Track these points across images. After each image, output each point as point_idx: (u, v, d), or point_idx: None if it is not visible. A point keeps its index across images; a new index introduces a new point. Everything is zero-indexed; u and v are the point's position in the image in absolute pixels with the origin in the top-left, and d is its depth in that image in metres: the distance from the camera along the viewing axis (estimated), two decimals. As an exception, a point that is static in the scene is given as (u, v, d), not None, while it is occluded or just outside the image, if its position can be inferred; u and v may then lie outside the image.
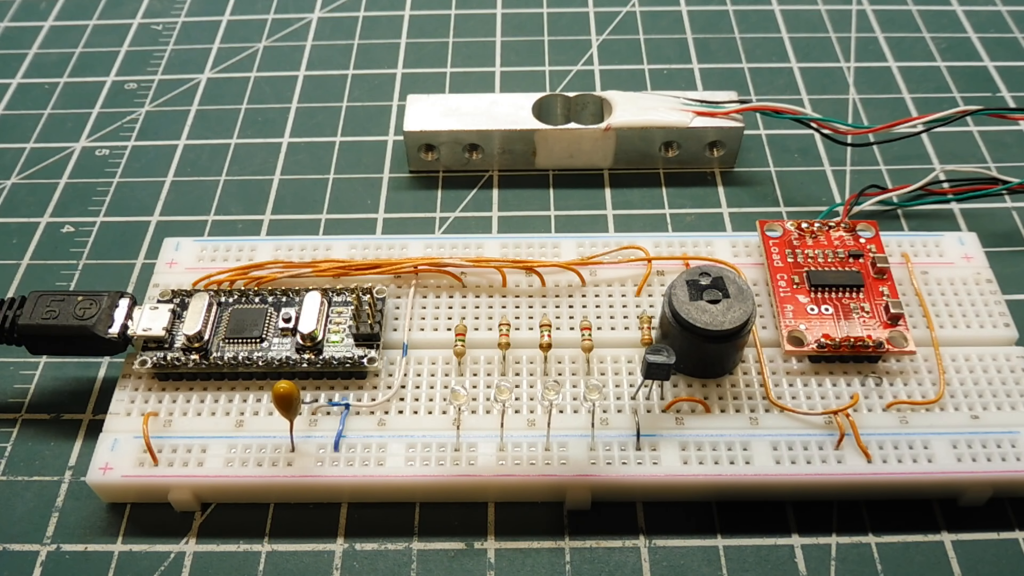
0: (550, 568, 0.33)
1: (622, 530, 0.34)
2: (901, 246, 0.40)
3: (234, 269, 0.39)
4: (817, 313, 0.36)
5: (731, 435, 0.34)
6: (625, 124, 0.45)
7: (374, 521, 0.34)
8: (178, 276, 0.39)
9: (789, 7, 0.57)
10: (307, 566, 0.33)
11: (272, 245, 0.40)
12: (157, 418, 0.35)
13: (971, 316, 0.37)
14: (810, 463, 0.33)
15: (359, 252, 0.40)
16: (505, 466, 0.33)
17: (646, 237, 0.40)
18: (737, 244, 0.40)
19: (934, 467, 0.33)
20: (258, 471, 0.33)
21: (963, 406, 0.35)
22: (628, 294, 0.38)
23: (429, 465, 0.33)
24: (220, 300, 0.37)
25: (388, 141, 0.49)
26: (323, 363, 0.35)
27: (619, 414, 0.34)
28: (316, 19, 0.57)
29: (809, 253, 0.38)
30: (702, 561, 0.33)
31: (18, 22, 0.58)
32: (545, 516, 0.34)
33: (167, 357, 0.35)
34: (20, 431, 0.37)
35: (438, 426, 0.34)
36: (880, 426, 0.34)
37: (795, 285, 0.37)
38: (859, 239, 0.39)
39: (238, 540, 0.34)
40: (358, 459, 0.33)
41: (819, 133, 0.46)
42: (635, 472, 0.33)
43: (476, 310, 0.38)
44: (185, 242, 0.41)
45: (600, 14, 0.57)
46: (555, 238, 0.40)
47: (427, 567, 0.33)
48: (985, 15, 0.56)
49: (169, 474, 0.33)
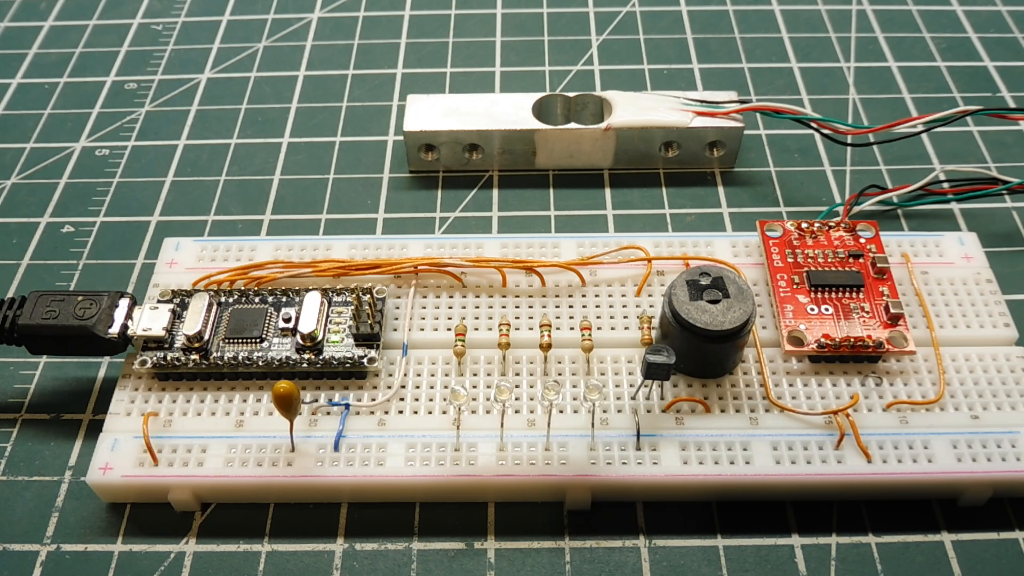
0: (550, 568, 0.33)
1: (622, 530, 0.34)
2: (901, 246, 0.40)
3: (234, 269, 0.39)
4: (817, 313, 0.36)
5: (731, 435, 0.34)
6: (625, 124, 0.45)
7: (374, 521, 0.34)
8: (178, 276, 0.39)
9: (789, 7, 0.57)
10: (307, 566, 0.33)
11: (272, 245, 0.40)
12: (157, 418, 0.35)
13: (971, 316, 0.37)
14: (810, 463, 0.33)
15: (359, 252, 0.40)
16: (505, 466, 0.33)
17: (646, 237, 0.40)
18: (737, 244, 0.40)
19: (934, 467, 0.33)
20: (258, 471, 0.33)
21: (963, 406, 0.34)
22: (628, 294, 0.38)
23: (429, 465, 0.33)
24: (220, 300, 0.37)
25: (388, 141, 0.49)
26: (323, 363, 0.35)
27: (619, 414, 0.34)
28: (316, 19, 0.57)
29: (809, 253, 0.38)
30: (702, 561, 0.33)
31: (18, 22, 0.58)
32: (545, 516, 0.34)
33: (167, 357, 0.35)
34: (20, 431, 0.37)
35: (438, 426, 0.34)
36: (880, 426, 0.34)
37: (795, 285, 0.37)
38: (859, 239, 0.39)
39: (238, 540, 0.34)
40: (358, 459, 0.33)
41: (819, 133, 0.46)
42: (635, 472, 0.33)
43: (476, 310, 0.38)
44: (185, 242, 0.41)
45: (600, 14, 0.57)
46: (555, 238, 0.40)
47: (427, 567, 0.33)
48: (985, 15, 0.56)
49: (169, 474, 0.33)
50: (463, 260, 0.38)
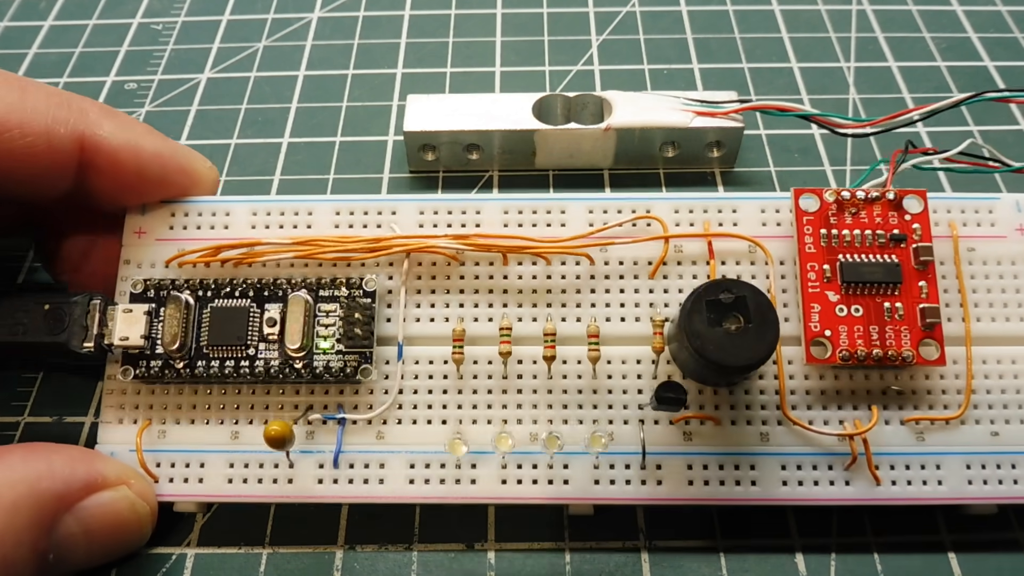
0: (550, 569, 0.33)
1: (622, 533, 0.34)
2: (950, 212, 0.35)
3: (206, 249, 0.35)
4: (846, 315, 0.33)
5: (739, 452, 0.33)
6: (625, 124, 0.45)
7: (374, 523, 0.34)
8: (148, 250, 0.36)
9: (789, 7, 0.57)
10: (308, 567, 0.33)
11: (247, 208, 0.36)
12: (151, 427, 0.34)
13: (1013, 307, 0.34)
14: (817, 484, 0.32)
15: (344, 219, 0.36)
16: (507, 485, 0.33)
17: (664, 200, 0.36)
18: (767, 209, 0.36)
19: (943, 489, 0.32)
20: (258, 489, 0.33)
21: (984, 419, 0.33)
22: (641, 275, 0.35)
23: (430, 483, 0.33)
24: (198, 294, 0.34)
25: (388, 141, 0.49)
26: (313, 375, 0.33)
27: (625, 426, 0.33)
28: (316, 19, 0.57)
29: (846, 236, 0.34)
30: (702, 563, 0.33)
31: (18, 22, 0.58)
32: (546, 518, 0.34)
33: (150, 368, 0.33)
34: (23, 433, 0.37)
35: (437, 440, 0.33)
36: (894, 444, 0.33)
37: (826, 279, 0.33)
38: (904, 215, 0.34)
39: (239, 542, 0.34)
40: (358, 477, 0.33)
41: (819, 127, 0.45)
42: (638, 495, 0.32)
43: (475, 295, 0.35)
44: (153, 209, 0.36)
45: (600, 14, 0.57)
46: (561, 200, 0.36)
47: (427, 568, 0.33)
48: (985, 15, 0.56)
49: (169, 492, 0.33)
50: (462, 243, 0.34)
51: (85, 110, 0.34)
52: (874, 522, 0.34)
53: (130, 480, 0.32)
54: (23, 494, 0.29)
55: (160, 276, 0.35)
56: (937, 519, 0.34)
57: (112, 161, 0.34)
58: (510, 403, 0.34)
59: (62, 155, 0.33)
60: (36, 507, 0.29)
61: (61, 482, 0.30)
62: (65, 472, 0.30)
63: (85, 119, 0.33)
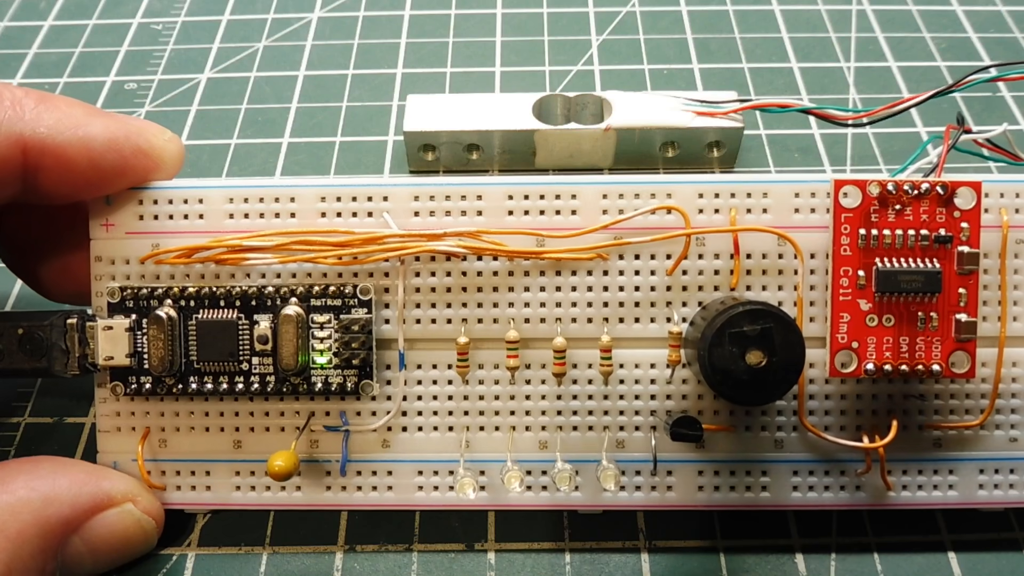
0: (550, 569, 0.33)
1: (623, 533, 0.34)
2: (1004, 196, 0.32)
3: (181, 249, 0.32)
4: (877, 324, 0.31)
5: (752, 459, 0.32)
6: (625, 124, 0.45)
7: (375, 524, 0.34)
8: (119, 244, 0.33)
9: (789, 7, 0.57)
10: (308, 567, 0.33)
11: (223, 195, 0.33)
12: (151, 436, 0.33)
13: None
14: (828, 489, 0.32)
15: (331, 205, 0.33)
16: (515, 492, 0.33)
17: (687, 184, 0.32)
18: (802, 193, 0.32)
19: (954, 495, 0.32)
20: (265, 496, 0.33)
21: (1005, 424, 0.32)
22: (658, 271, 0.32)
23: (439, 490, 0.33)
24: (180, 304, 0.32)
25: (388, 141, 0.49)
26: (313, 393, 0.32)
27: (637, 432, 0.33)
28: (316, 19, 0.57)
29: (886, 237, 0.31)
30: (702, 563, 0.33)
31: (18, 22, 0.58)
32: (546, 518, 0.34)
33: (141, 383, 0.32)
34: (23, 434, 0.37)
35: (444, 447, 0.33)
36: (909, 450, 0.32)
37: (859, 286, 0.31)
38: (953, 211, 0.31)
39: (239, 543, 0.34)
40: (366, 484, 0.33)
41: (818, 121, 0.44)
42: (647, 501, 0.33)
43: (478, 294, 0.33)
44: (119, 199, 0.33)
45: (600, 14, 0.57)
46: (574, 185, 0.32)
47: (427, 568, 0.33)
48: (985, 15, 0.56)
49: (177, 500, 0.33)
50: (465, 248, 0.32)
51: (19, 105, 0.30)
52: (874, 522, 0.34)
53: (136, 498, 0.32)
54: (29, 523, 0.28)
55: (136, 274, 0.33)
56: (937, 519, 0.34)
57: (61, 160, 0.30)
58: (518, 410, 0.33)
59: (2, 164, 0.30)
60: (42, 535, 0.29)
61: (67, 506, 0.30)
62: (71, 495, 0.30)
63: (21, 118, 0.30)
